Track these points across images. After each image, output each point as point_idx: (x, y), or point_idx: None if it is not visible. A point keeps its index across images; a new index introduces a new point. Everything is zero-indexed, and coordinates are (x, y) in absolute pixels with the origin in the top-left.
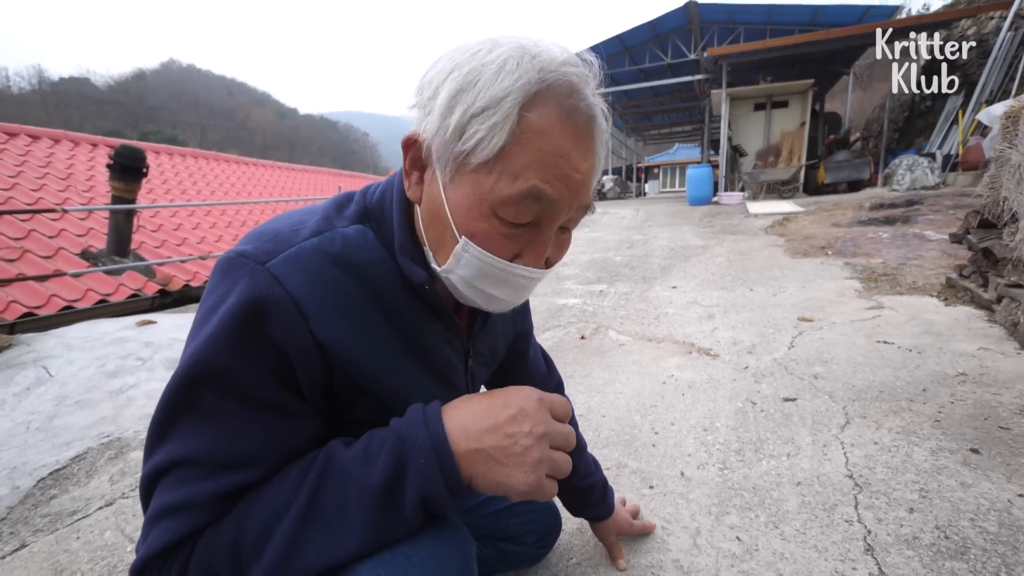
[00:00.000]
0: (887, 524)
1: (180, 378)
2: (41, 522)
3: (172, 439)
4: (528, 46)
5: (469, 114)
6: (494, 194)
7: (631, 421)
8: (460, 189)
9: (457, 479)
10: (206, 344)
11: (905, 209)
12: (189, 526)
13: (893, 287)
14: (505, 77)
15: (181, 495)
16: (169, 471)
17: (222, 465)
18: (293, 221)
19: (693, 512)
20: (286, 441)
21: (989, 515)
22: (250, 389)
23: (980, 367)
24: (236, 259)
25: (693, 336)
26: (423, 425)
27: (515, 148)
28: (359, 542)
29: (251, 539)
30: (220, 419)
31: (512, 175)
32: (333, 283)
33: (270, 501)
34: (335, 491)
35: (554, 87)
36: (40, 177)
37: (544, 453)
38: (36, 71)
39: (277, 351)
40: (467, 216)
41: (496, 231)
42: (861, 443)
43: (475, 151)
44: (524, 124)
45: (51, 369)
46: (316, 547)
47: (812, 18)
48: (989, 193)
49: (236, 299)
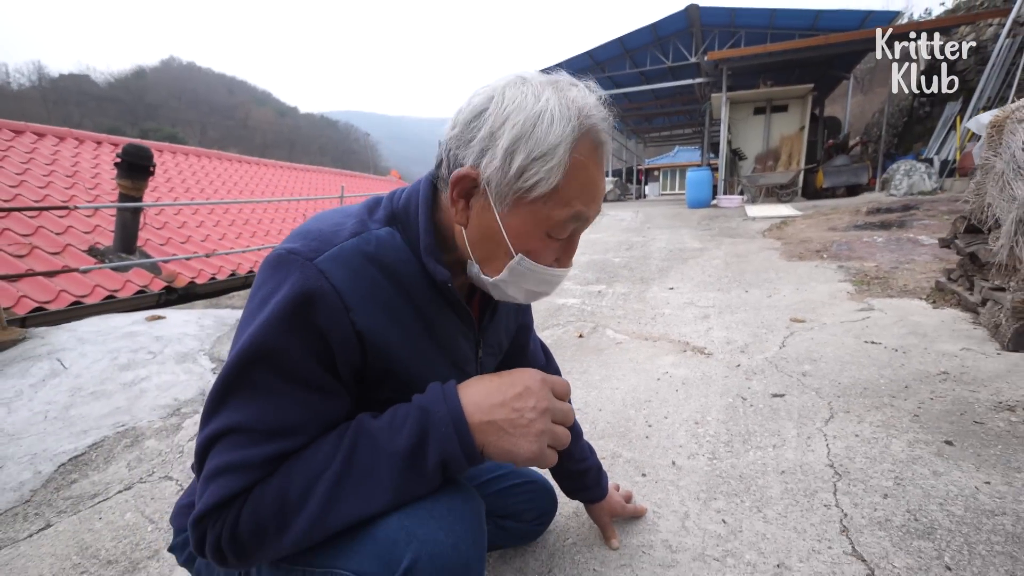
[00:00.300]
0: (862, 508)
1: (237, 357)
2: (64, 504)
3: (227, 410)
4: (560, 86)
5: (531, 158)
6: (549, 220)
7: (626, 415)
8: (517, 217)
9: (472, 446)
10: (261, 328)
11: (901, 214)
12: (241, 483)
13: (884, 290)
14: (557, 126)
15: (235, 457)
16: (224, 436)
17: (270, 433)
18: (333, 223)
19: (683, 497)
20: (324, 415)
21: (957, 500)
22: (296, 369)
23: (961, 366)
24: (287, 255)
25: (688, 335)
26: (443, 400)
27: (565, 183)
28: (387, 497)
29: (295, 495)
30: (270, 394)
31: (563, 204)
32: (370, 279)
33: (311, 463)
34: (367, 454)
35: (590, 129)
36: (47, 175)
37: (546, 425)
38: (36, 67)
39: (322, 337)
40: (525, 238)
41: (546, 247)
42: (843, 435)
43: (534, 188)
44: (571, 163)
45: (65, 361)
46: (350, 501)
47: (813, 23)
48: (975, 199)
49: (288, 290)
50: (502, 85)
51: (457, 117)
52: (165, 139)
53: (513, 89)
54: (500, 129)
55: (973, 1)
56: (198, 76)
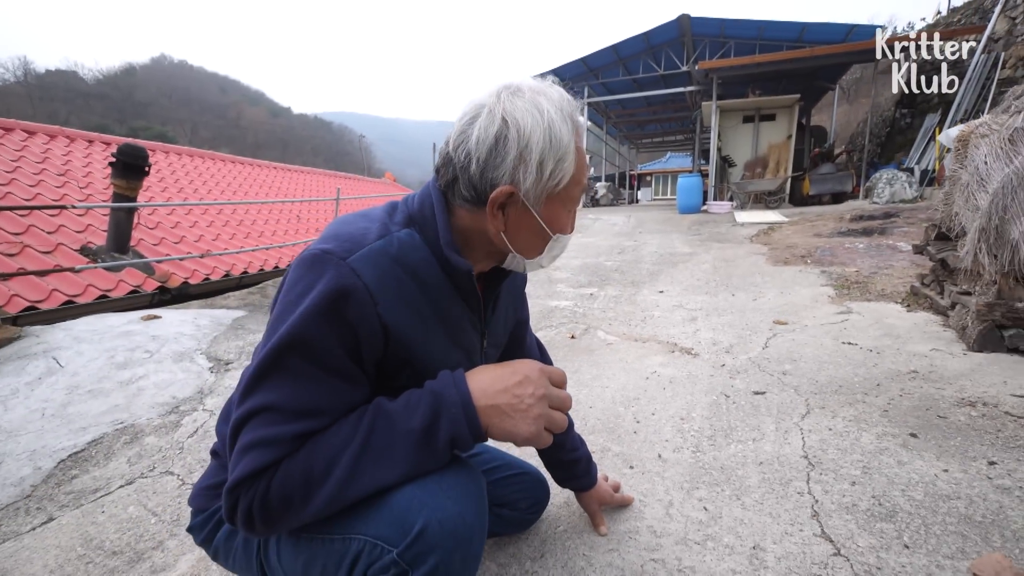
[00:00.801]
0: (832, 495)
1: (275, 344)
2: (66, 498)
3: (262, 391)
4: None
5: (556, 162)
6: (571, 199)
7: (615, 412)
8: (552, 207)
9: (478, 426)
10: (299, 319)
11: (883, 221)
12: (272, 456)
13: (863, 294)
14: (563, 129)
15: (268, 433)
16: (258, 414)
17: (299, 413)
18: (359, 226)
19: (667, 487)
20: (348, 400)
21: (917, 487)
22: (327, 357)
23: (930, 366)
24: (323, 255)
25: (676, 337)
26: (453, 385)
27: (575, 167)
28: (402, 471)
29: (320, 467)
30: (301, 378)
31: (577, 182)
32: (395, 277)
33: (334, 440)
34: (385, 432)
35: (572, 116)
36: (37, 173)
37: (543, 410)
38: (22, 63)
39: (352, 330)
40: (557, 221)
41: (569, 220)
42: (818, 429)
43: (561, 182)
44: (576, 150)
45: (61, 360)
46: (369, 474)
47: (799, 35)
48: (944, 209)
49: (325, 286)
50: (507, 106)
51: (470, 146)
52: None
53: (521, 112)
54: (527, 150)
55: (951, 17)
56: (190, 74)
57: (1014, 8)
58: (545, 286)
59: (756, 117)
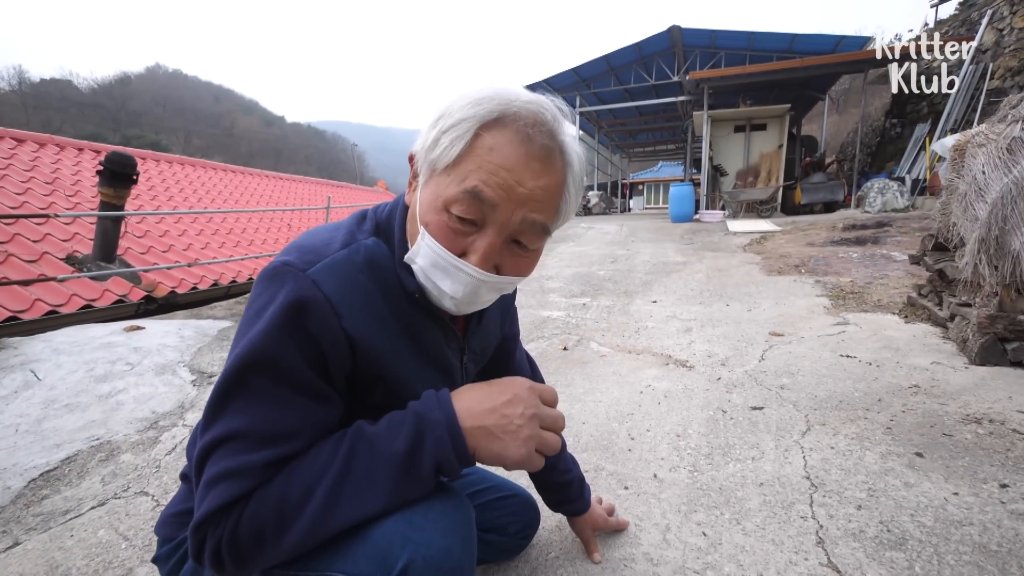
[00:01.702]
0: (837, 520)
1: (235, 364)
2: (34, 521)
3: (226, 417)
4: (509, 89)
5: (441, 131)
6: (446, 192)
7: (609, 428)
8: (427, 189)
9: (464, 449)
10: (258, 336)
11: (875, 230)
12: (241, 489)
13: (859, 305)
14: (472, 106)
15: (235, 463)
16: (223, 443)
17: (268, 438)
18: (323, 237)
19: (664, 510)
20: (319, 420)
21: (927, 511)
22: (292, 375)
23: (932, 380)
24: (282, 268)
25: (671, 348)
26: (437, 406)
27: (467, 157)
28: (385, 499)
29: (294, 498)
30: (267, 400)
31: (461, 177)
32: (359, 287)
33: (310, 467)
34: (365, 457)
35: (515, 117)
36: (25, 181)
37: (534, 431)
38: (16, 72)
39: (315, 343)
40: (427, 209)
41: (446, 224)
42: (819, 448)
43: (440, 158)
44: (478, 140)
45: (39, 373)
46: (349, 503)
47: (789, 45)
48: (941, 218)
49: (283, 299)
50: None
51: None
52: (148, 146)
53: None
54: (436, 111)
55: (938, 29)
56: (184, 84)
57: (1001, 20)
58: (537, 296)
59: (747, 127)
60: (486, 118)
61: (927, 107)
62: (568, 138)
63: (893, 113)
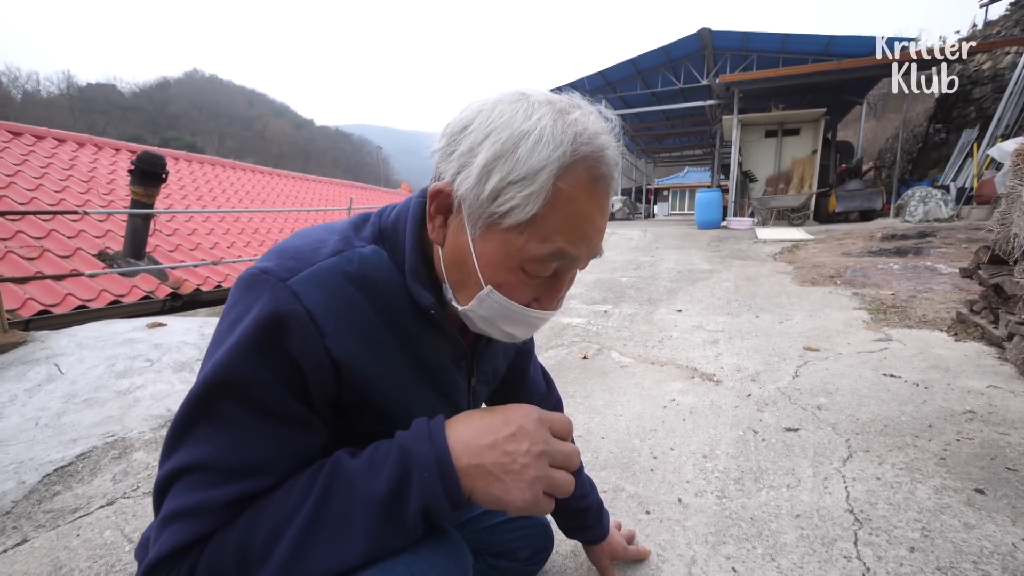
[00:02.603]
0: (887, 562)
1: (201, 386)
2: (44, 518)
3: (188, 444)
4: (561, 108)
5: (507, 181)
6: (524, 253)
7: (630, 444)
8: (490, 244)
9: (458, 492)
10: (227, 355)
11: (917, 241)
12: (199, 530)
13: (902, 320)
14: (543, 148)
15: (193, 500)
16: (183, 475)
17: (234, 472)
18: (313, 240)
19: (689, 540)
20: (296, 450)
21: (992, 558)
22: (266, 399)
23: (989, 405)
24: (259, 275)
25: (696, 361)
26: (427, 439)
27: (546, 213)
28: (362, 548)
29: (259, 544)
30: (235, 427)
31: (542, 237)
32: (349, 301)
33: (279, 507)
34: (341, 499)
35: (586, 157)
36: (64, 179)
37: (542, 471)
38: (65, 76)
39: (293, 364)
40: (496, 269)
41: (520, 282)
42: (863, 477)
43: (509, 214)
44: (556, 192)
45: (62, 367)
46: (321, 552)
47: (826, 47)
48: (1000, 229)
49: (257, 313)
50: (495, 99)
51: (445, 129)
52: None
53: (506, 104)
54: (480, 145)
55: (990, 29)
56: (219, 88)
57: None
58: None
59: (779, 131)
60: (562, 165)
61: (975, 111)
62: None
63: (937, 118)
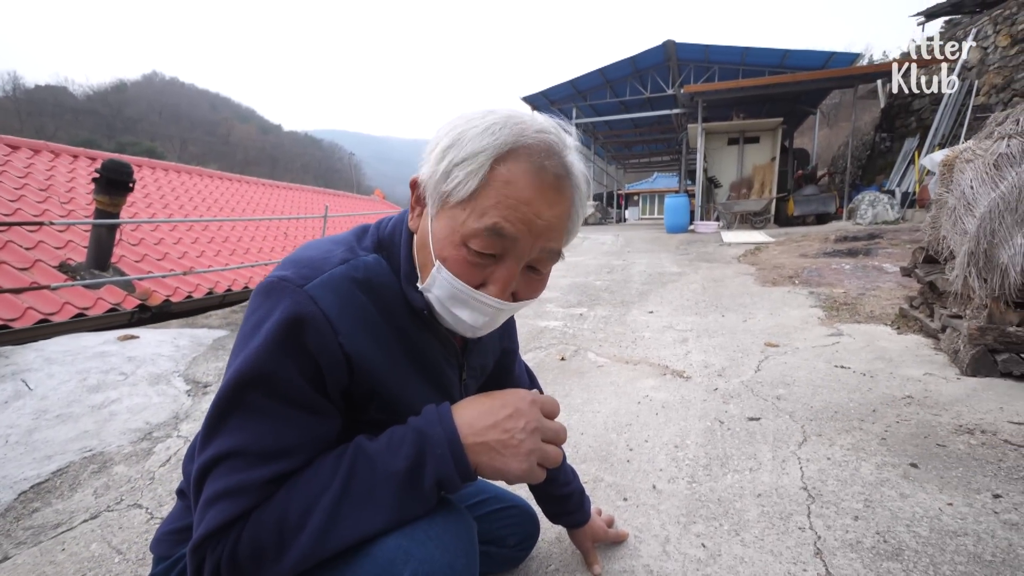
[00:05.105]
0: (835, 531)
1: (232, 381)
2: (24, 535)
3: (223, 434)
4: (516, 115)
5: (453, 163)
6: (464, 227)
7: (608, 438)
8: (440, 221)
9: (466, 465)
10: (254, 352)
11: (867, 242)
12: (241, 507)
13: (852, 316)
14: (485, 137)
15: (233, 481)
16: (221, 461)
17: (268, 455)
18: (323, 250)
19: (663, 522)
20: (318, 435)
21: (922, 522)
22: (290, 391)
23: (925, 391)
24: (279, 283)
25: (668, 359)
26: (438, 422)
27: (485, 192)
28: (386, 517)
29: (294, 517)
30: (265, 416)
31: (480, 213)
32: (358, 303)
33: (310, 484)
34: (366, 475)
35: (529, 147)
36: (19, 188)
37: (535, 445)
38: (11, 78)
39: (312, 359)
40: (443, 244)
41: (464, 258)
42: (816, 458)
43: (454, 192)
44: (494, 174)
45: (30, 383)
46: (350, 521)
47: (781, 60)
48: (931, 232)
49: (280, 315)
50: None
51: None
52: (143, 153)
53: (472, 112)
54: (442, 139)
55: (936, 42)
56: (180, 91)
57: (985, 39)
58: (534, 305)
59: (741, 139)
60: (500, 150)
61: (915, 122)
62: (574, 159)
63: (883, 127)
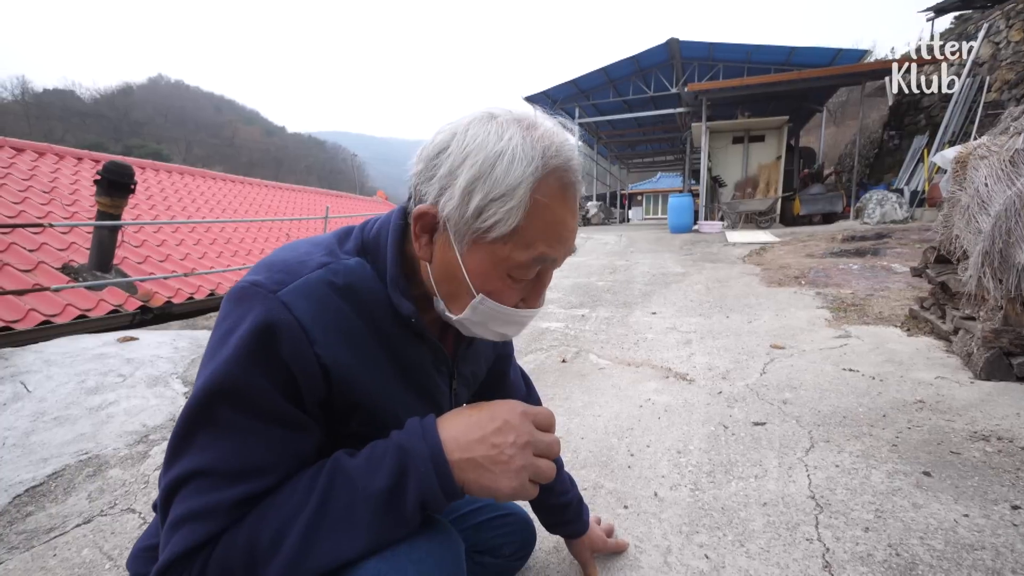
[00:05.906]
0: (844, 542)
1: (200, 395)
2: (16, 539)
3: (191, 452)
4: (527, 124)
5: (489, 199)
6: (510, 262)
7: (608, 443)
8: (477, 256)
9: (452, 484)
10: (224, 364)
11: (875, 242)
12: (208, 531)
13: (860, 317)
14: (518, 166)
15: (200, 503)
16: (189, 481)
17: (237, 474)
18: (300, 253)
19: (665, 531)
20: (293, 451)
21: (937, 534)
22: (262, 404)
23: (937, 395)
24: (250, 288)
25: (671, 361)
26: (421, 437)
27: (527, 224)
28: (365, 541)
29: (266, 540)
30: (235, 432)
31: (525, 245)
32: (336, 310)
33: (284, 506)
34: (343, 495)
35: (556, 168)
36: (23, 190)
37: (527, 460)
38: (20, 82)
39: (286, 370)
40: (485, 278)
41: (508, 287)
42: (824, 466)
43: (493, 228)
44: (534, 204)
45: (29, 384)
46: (327, 546)
47: (787, 58)
48: (943, 231)
49: (251, 323)
50: (467, 122)
51: (421, 153)
52: (149, 156)
53: (477, 126)
54: (459, 168)
55: (935, 42)
56: (186, 94)
57: (997, 34)
58: None
59: (745, 138)
60: (536, 177)
61: (924, 119)
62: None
63: (891, 125)
